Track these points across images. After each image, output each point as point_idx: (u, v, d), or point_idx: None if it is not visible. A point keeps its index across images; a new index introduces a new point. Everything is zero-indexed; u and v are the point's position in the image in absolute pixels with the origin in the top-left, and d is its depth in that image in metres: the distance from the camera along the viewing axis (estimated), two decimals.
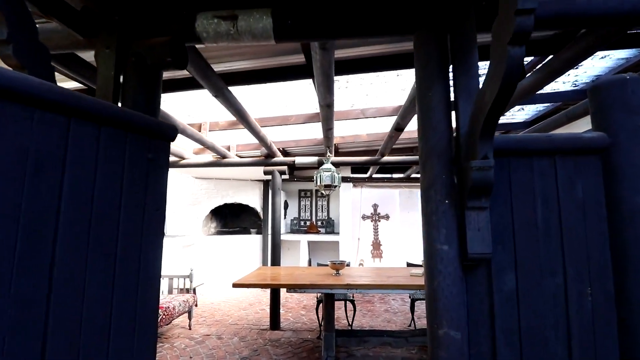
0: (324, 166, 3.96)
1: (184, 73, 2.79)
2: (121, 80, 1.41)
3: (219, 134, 4.64)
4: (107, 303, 1.03)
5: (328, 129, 3.31)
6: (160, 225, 1.25)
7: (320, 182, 3.92)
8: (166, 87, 2.92)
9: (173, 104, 3.57)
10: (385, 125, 4.66)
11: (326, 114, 2.78)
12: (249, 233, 7.46)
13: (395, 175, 7.64)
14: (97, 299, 1.00)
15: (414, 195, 8.29)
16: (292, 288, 3.29)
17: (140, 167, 1.18)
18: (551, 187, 1.21)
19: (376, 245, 8.29)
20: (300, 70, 2.70)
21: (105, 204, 1.04)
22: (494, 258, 1.17)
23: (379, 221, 8.36)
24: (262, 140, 3.92)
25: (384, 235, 8.30)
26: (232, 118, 4.07)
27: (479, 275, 1.18)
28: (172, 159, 5.20)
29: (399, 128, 3.30)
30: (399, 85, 3.36)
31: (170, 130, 1.31)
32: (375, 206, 8.39)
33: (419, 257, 7.87)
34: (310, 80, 3.17)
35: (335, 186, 3.94)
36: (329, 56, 1.77)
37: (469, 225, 1.13)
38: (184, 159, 5.01)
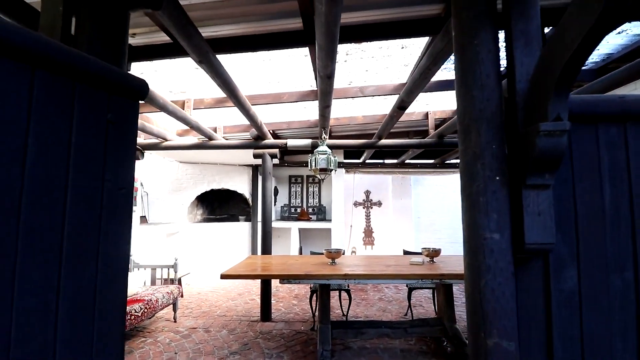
0: (319, 148, 3.68)
1: (163, 38, 2.44)
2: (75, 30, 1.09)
3: (205, 113, 4.28)
4: (48, 315, 0.75)
5: (325, 107, 3.02)
6: (126, 209, 0.96)
7: (315, 166, 3.64)
8: (143, 54, 2.56)
9: (152, 77, 3.20)
10: (384, 106, 4.39)
11: (325, 88, 2.49)
12: (238, 220, 7.17)
13: (387, 161, 7.43)
14: (33, 310, 0.72)
15: (407, 181, 8.12)
16: (286, 279, 3.05)
17: (96, 131, 0.88)
18: (621, 162, 0.98)
19: (368, 232, 8.14)
20: (296, 38, 2.39)
21: (42, 178, 0.74)
22: (553, 250, 0.94)
23: (371, 208, 8.19)
24: (251, 119, 3.59)
25: (376, 223, 8.15)
26: (219, 95, 3.73)
27: (533, 271, 0.95)
28: (153, 140, 4.81)
29: (402, 106, 3.04)
30: (402, 59, 3.08)
31: (139, 86, 1.01)
32: (367, 192, 8.19)
33: (412, 245, 7.77)
34: (306, 53, 2.85)
35: (331, 170, 3.67)
36: (336, 8, 1.47)
37: (526, 209, 0.89)
38: (166, 140, 4.63)
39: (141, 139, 5.00)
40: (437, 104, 4.53)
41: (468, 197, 0.96)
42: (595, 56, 3.43)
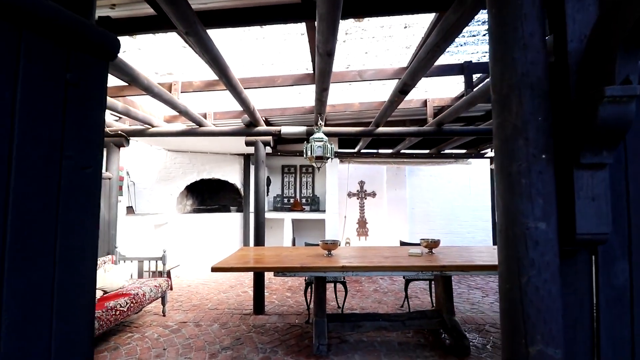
0: (315, 135, 3.50)
1: (146, 10, 2.22)
2: None
3: (193, 98, 4.05)
4: None
5: (323, 90, 2.83)
6: (92, 193, 0.78)
7: (311, 154, 3.47)
8: (124, 28, 2.34)
9: (135, 56, 2.97)
10: (382, 93, 4.23)
11: (324, 67, 2.30)
12: (229, 211, 6.98)
13: (381, 151, 7.29)
14: None
15: (402, 172, 8.03)
16: (281, 272, 2.91)
17: (51, 94, 0.69)
18: None
19: (362, 223, 8.04)
20: (293, 11, 2.19)
21: None
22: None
23: (365, 199, 8.08)
24: (243, 103, 3.39)
25: (370, 214, 8.06)
26: (208, 77, 3.50)
27: (579, 265, 0.82)
28: (138, 127, 4.57)
29: (404, 90, 2.87)
30: (404, 40, 2.91)
31: (109, 42, 0.82)
32: (361, 183, 8.07)
33: (407, 236, 7.71)
34: (303, 31, 2.66)
35: (328, 158, 3.51)
36: None
37: (578, 192, 0.75)
38: (152, 126, 4.39)
39: (126, 125, 4.74)
40: (436, 91, 4.38)
41: (506, 179, 0.81)
42: None
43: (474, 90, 3.25)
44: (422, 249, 3.61)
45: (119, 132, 4.36)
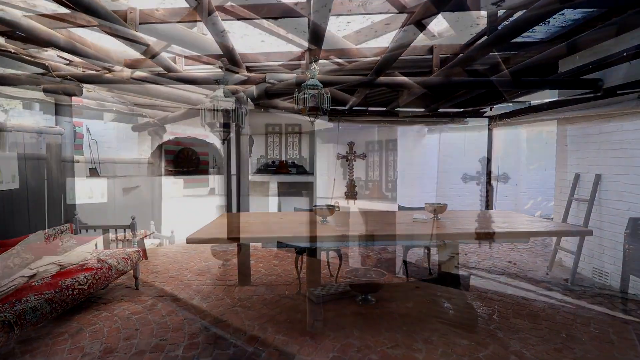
0: (309, 82, 2.92)
1: None
2: None
3: (156, 31, 3.30)
4: None
5: (323, 6, 2.20)
6: None
7: (304, 105, 2.90)
8: None
9: None
10: (384, 38, 3.62)
11: None
12: (208, 173, 6.39)
13: (373, 109, 6.72)
14: None
15: (394, 133, 7.55)
16: (271, 242, 2.48)
17: None
18: None
19: (351, 186, 7.67)
20: None
21: None
22: None
23: (355, 161, 7.64)
24: (218, 34, 2.72)
25: (359, 176, 7.66)
26: (175, 4, 2.78)
27: None
28: (91, 72, 3.80)
29: (422, 20, 2.29)
30: None
31: None
32: (351, 144, 7.58)
33: (397, 200, 7.42)
34: None
35: (325, 110, 2.96)
36: None
37: None
38: (110, 71, 3.64)
39: (79, 70, 3.94)
40: (444, 38, 3.81)
41: None
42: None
43: (499, 28, 2.72)
44: (427, 214, 3.26)
45: (68, 77, 3.60)
